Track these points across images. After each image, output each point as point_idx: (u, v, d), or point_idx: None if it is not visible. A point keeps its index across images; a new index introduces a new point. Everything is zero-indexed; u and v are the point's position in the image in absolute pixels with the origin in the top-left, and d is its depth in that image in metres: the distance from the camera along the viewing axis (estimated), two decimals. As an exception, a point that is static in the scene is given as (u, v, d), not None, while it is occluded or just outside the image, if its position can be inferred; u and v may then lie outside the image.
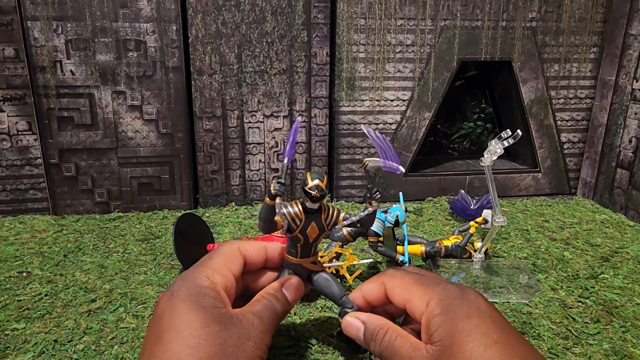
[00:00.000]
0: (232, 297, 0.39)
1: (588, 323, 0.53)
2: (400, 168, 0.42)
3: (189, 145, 0.85)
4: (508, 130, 0.53)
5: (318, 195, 0.40)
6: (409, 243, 0.64)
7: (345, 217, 0.43)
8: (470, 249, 0.65)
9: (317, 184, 0.40)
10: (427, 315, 0.35)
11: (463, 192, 0.85)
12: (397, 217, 0.60)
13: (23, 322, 0.52)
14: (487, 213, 0.64)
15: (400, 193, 0.67)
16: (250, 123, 0.86)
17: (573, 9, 0.88)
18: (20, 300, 0.56)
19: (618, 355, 0.47)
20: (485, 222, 0.64)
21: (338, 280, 0.46)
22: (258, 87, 0.84)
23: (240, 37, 0.81)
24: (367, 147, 0.89)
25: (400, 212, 0.60)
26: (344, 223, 0.43)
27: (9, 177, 0.81)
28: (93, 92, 0.79)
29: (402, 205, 0.61)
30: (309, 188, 0.40)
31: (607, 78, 0.91)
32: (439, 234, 0.77)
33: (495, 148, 0.54)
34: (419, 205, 0.89)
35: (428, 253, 0.65)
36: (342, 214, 0.44)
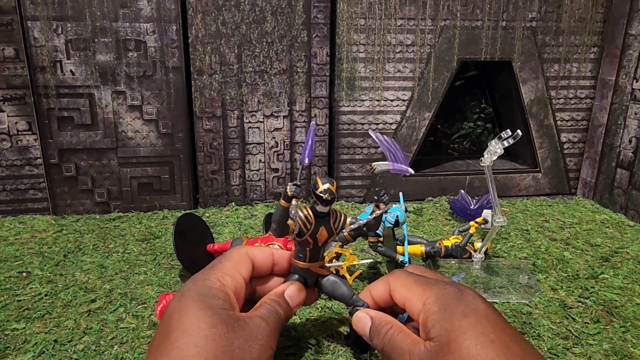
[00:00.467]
0: (241, 300, 0.39)
1: (588, 323, 0.53)
2: (410, 170, 0.43)
3: (189, 145, 0.85)
4: (508, 130, 0.53)
5: (329, 199, 0.41)
6: (409, 243, 0.64)
7: (352, 221, 0.44)
8: (470, 249, 0.65)
9: (328, 188, 0.41)
10: (424, 313, 0.36)
11: (463, 192, 0.85)
12: (397, 217, 0.60)
13: (23, 322, 0.52)
14: (487, 213, 0.64)
15: (400, 193, 0.67)
16: (250, 123, 0.86)
17: (573, 9, 0.88)
18: (20, 300, 0.56)
19: (618, 356, 0.47)
20: (485, 222, 0.64)
21: (344, 280, 0.46)
22: (258, 87, 0.84)
23: (240, 37, 0.81)
24: (367, 147, 0.89)
25: (400, 212, 0.60)
26: (352, 227, 0.44)
27: (9, 177, 0.81)
28: (93, 92, 0.79)
29: (402, 205, 0.61)
30: (320, 192, 0.41)
31: (607, 78, 0.91)
32: (439, 234, 0.77)
33: (495, 148, 0.54)
34: (419, 205, 0.89)
35: (428, 253, 0.65)
36: (348, 219, 0.45)
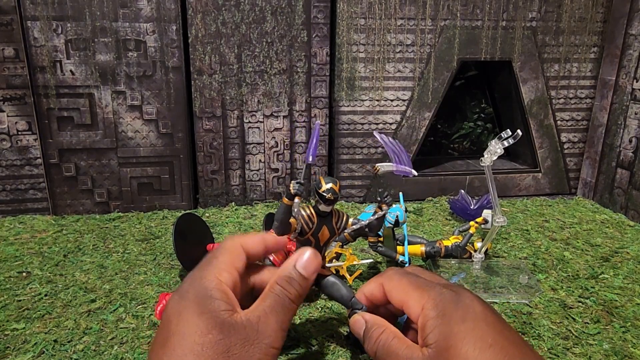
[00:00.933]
0: (238, 294, 0.39)
1: (588, 323, 0.53)
2: (414, 172, 0.43)
3: (189, 145, 0.85)
4: (508, 130, 0.53)
5: (332, 198, 0.41)
6: (409, 243, 0.64)
7: (354, 222, 0.44)
8: (470, 249, 0.65)
9: (331, 187, 0.41)
10: (422, 319, 0.36)
11: (463, 192, 0.85)
12: (397, 217, 0.60)
13: (23, 322, 0.52)
14: (487, 213, 0.64)
15: (400, 193, 0.67)
16: (250, 123, 0.86)
17: (573, 9, 0.88)
18: (20, 300, 0.56)
19: (618, 356, 0.47)
20: (485, 222, 0.64)
21: (345, 282, 0.46)
22: (258, 87, 0.84)
23: (240, 37, 0.81)
24: (367, 147, 0.89)
25: (400, 212, 0.60)
26: (353, 227, 0.44)
27: (9, 177, 0.81)
28: (93, 92, 0.79)
29: (402, 205, 0.61)
30: (323, 191, 0.41)
31: (607, 78, 0.91)
32: (439, 234, 0.77)
33: (495, 148, 0.54)
34: (419, 205, 0.89)
35: (428, 253, 0.65)
36: (350, 219, 0.44)
